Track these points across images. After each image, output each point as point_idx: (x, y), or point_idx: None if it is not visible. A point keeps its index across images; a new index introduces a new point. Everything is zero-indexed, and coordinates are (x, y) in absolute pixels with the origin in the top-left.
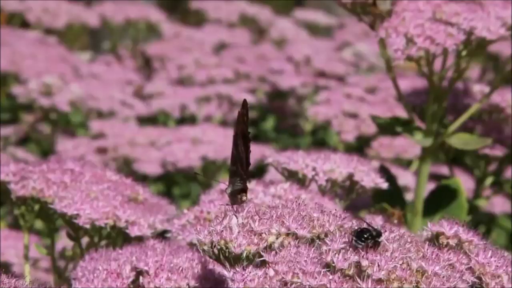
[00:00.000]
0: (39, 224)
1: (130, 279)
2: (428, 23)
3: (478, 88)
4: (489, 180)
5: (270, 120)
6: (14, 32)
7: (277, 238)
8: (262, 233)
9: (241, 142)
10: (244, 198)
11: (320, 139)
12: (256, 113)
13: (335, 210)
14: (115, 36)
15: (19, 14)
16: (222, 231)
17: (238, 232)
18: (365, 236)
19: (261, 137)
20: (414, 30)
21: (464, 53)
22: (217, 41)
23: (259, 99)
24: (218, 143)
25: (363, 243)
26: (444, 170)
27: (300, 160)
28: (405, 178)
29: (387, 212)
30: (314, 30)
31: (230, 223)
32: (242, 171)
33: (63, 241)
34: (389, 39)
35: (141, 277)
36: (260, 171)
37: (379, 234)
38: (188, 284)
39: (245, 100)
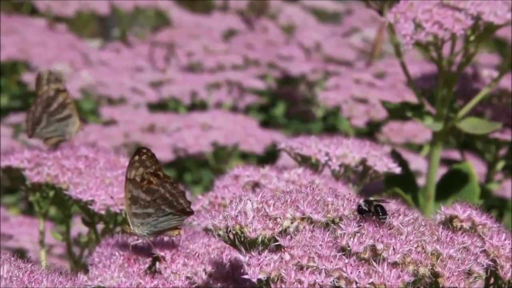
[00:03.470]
0: (52, 211)
1: (147, 265)
2: (436, 8)
3: (487, 73)
4: (500, 164)
5: (280, 106)
6: (23, 19)
7: (292, 223)
8: (277, 217)
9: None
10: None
11: (330, 125)
12: (266, 99)
13: (349, 194)
14: (124, 23)
15: (28, 2)
16: (237, 216)
17: (253, 217)
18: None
19: (271, 123)
20: (422, 15)
21: (472, 38)
22: (225, 27)
23: (269, 85)
24: (228, 128)
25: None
26: (455, 155)
27: (313, 145)
28: (416, 163)
29: None
30: (322, 16)
31: (245, 208)
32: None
33: (77, 228)
34: (397, 24)
35: (157, 263)
36: (271, 157)
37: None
38: (204, 270)
39: (142, 148)
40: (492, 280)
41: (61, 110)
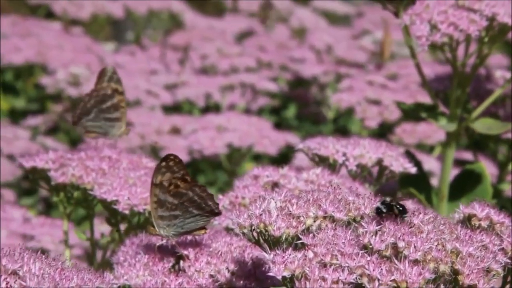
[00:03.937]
0: None
1: (171, 263)
2: (451, 10)
3: (500, 74)
4: None
5: (291, 108)
6: (39, 23)
7: (314, 221)
8: (300, 216)
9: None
10: None
11: (341, 127)
12: (278, 101)
13: (369, 193)
14: (139, 26)
15: (45, 5)
16: (261, 214)
17: (277, 216)
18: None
19: (283, 125)
20: (438, 17)
21: (486, 39)
22: (238, 30)
23: (281, 87)
24: (243, 130)
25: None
26: (467, 155)
27: (331, 146)
28: (428, 163)
29: None
30: (332, 18)
31: (269, 207)
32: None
33: (96, 229)
34: (413, 26)
35: (181, 261)
36: (284, 158)
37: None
38: (227, 268)
39: (170, 155)
40: (509, 278)
41: (113, 111)
